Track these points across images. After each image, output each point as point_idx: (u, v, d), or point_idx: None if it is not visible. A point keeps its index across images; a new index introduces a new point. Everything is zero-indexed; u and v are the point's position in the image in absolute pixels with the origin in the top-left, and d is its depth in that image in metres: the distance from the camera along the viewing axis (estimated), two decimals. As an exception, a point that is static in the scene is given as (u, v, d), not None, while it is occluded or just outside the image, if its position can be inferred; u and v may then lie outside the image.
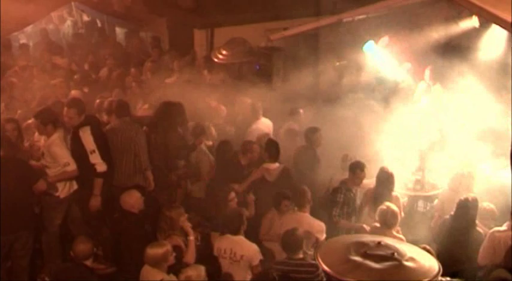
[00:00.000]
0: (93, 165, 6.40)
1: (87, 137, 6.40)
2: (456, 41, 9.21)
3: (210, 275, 5.19)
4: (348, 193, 6.59)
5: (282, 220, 6.16)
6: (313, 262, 5.28)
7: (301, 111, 8.38)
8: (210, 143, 7.59)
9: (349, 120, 7.77)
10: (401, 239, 5.68)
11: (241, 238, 5.63)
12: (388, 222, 5.90)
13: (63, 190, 6.51)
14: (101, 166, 6.43)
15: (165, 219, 5.73)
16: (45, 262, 6.56)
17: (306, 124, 7.93)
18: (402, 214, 6.35)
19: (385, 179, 6.63)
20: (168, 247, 5.16)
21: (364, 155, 7.04)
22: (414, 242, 4.82)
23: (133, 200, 5.93)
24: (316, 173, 7.13)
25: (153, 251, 5.07)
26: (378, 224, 6.05)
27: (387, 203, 6.07)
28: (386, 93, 9.05)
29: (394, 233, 5.89)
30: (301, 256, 5.47)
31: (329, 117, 7.93)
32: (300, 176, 7.09)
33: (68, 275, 5.34)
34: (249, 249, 5.56)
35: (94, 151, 6.39)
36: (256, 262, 5.53)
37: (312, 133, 7.40)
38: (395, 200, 6.45)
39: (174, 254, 5.18)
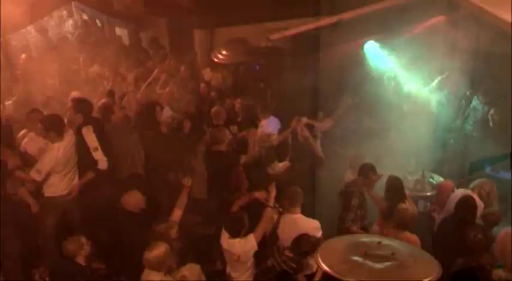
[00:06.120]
0: (95, 161, 6.50)
1: (90, 135, 6.50)
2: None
3: (210, 274, 5.17)
4: (362, 196, 6.50)
5: (277, 221, 5.99)
6: None
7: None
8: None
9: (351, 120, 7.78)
10: (415, 240, 5.65)
11: (239, 241, 5.55)
12: (401, 222, 5.79)
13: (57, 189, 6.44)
14: (103, 163, 6.53)
15: (154, 235, 5.58)
16: (43, 261, 6.54)
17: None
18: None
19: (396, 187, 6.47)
20: (165, 246, 5.12)
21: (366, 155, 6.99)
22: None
23: (135, 200, 5.92)
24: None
25: (153, 254, 5.02)
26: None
27: (404, 205, 5.97)
28: (386, 92, 9.02)
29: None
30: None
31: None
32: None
33: (64, 272, 5.32)
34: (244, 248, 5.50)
35: (97, 148, 6.50)
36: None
37: None
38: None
39: None
